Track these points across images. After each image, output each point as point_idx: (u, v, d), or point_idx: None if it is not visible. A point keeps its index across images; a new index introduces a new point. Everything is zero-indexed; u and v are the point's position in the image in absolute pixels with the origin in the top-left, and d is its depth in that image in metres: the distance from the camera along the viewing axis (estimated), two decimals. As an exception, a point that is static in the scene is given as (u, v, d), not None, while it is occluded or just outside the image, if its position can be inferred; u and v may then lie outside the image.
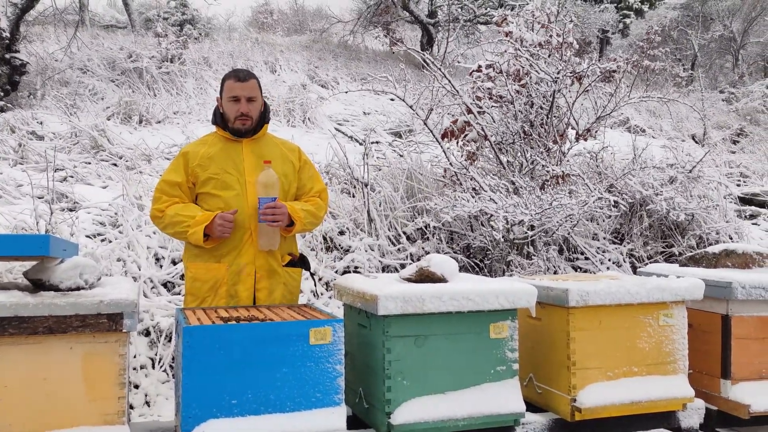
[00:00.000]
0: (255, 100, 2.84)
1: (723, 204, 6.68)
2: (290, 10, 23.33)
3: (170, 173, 2.83)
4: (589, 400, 2.59)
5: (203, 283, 2.78)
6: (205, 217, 2.68)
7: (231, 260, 2.77)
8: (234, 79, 2.82)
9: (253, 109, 2.84)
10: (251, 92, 2.82)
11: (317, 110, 9.99)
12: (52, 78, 9.29)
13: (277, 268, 2.84)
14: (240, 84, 2.80)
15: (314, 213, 2.88)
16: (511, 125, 5.58)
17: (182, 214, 2.72)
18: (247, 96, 2.80)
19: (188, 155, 2.83)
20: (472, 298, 2.42)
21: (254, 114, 2.84)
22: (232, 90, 2.81)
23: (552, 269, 5.13)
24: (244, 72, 2.86)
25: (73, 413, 2.00)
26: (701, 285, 2.81)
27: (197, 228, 2.66)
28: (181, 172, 2.81)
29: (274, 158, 2.85)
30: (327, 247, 5.23)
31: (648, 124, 12.01)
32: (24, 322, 1.94)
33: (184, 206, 2.77)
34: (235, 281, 2.77)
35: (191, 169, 2.80)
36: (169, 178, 2.81)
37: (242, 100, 2.80)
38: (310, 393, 2.18)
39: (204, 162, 2.80)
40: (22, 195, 5.40)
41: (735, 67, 19.59)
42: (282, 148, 2.96)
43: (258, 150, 2.87)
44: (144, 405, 3.66)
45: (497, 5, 14.72)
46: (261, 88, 2.92)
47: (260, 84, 2.92)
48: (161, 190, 2.81)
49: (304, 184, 2.96)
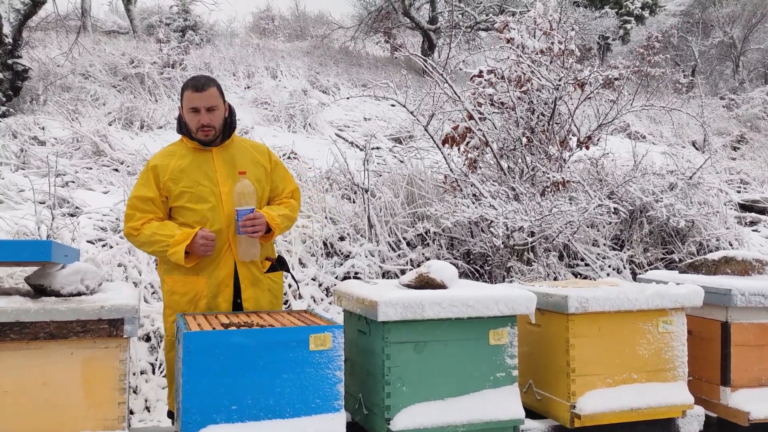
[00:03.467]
0: (216, 108, 2.73)
1: (723, 211, 6.69)
2: (291, 16, 23.42)
3: (141, 188, 2.73)
4: (589, 407, 2.59)
5: (181, 296, 2.72)
6: (184, 236, 2.60)
7: (210, 272, 2.71)
8: (192, 90, 2.70)
9: (215, 118, 2.74)
10: (210, 101, 2.71)
11: (318, 116, 10.01)
12: (54, 83, 9.31)
13: (260, 276, 2.81)
14: (198, 94, 2.69)
15: (290, 216, 2.85)
16: (513, 131, 5.59)
17: (160, 233, 2.63)
18: (206, 106, 2.70)
19: (158, 168, 2.73)
20: (471, 304, 2.42)
21: (216, 123, 2.75)
22: (190, 101, 2.71)
23: (552, 275, 5.13)
24: (203, 80, 2.74)
25: (73, 418, 2.01)
26: (701, 292, 2.81)
27: (178, 248, 2.59)
28: (152, 186, 2.72)
29: (246, 165, 2.79)
30: (327, 253, 5.24)
31: (648, 130, 12.03)
32: (25, 327, 1.95)
33: (160, 225, 2.68)
34: (215, 293, 2.72)
35: (163, 183, 2.71)
36: (140, 194, 2.72)
37: (202, 111, 2.70)
38: (310, 399, 2.18)
39: (175, 175, 2.71)
40: (23, 200, 5.41)
41: (735, 74, 19.62)
42: (252, 152, 2.89)
43: (229, 158, 2.79)
44: (144, 410, 3.66)
45: (498, 12, 14.76)
46: (222, 93, 2.81)
47: (221, 89, 2.81)
48: (134, 207, 2.71)
49: (276, 185, 2.91)
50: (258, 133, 8.63)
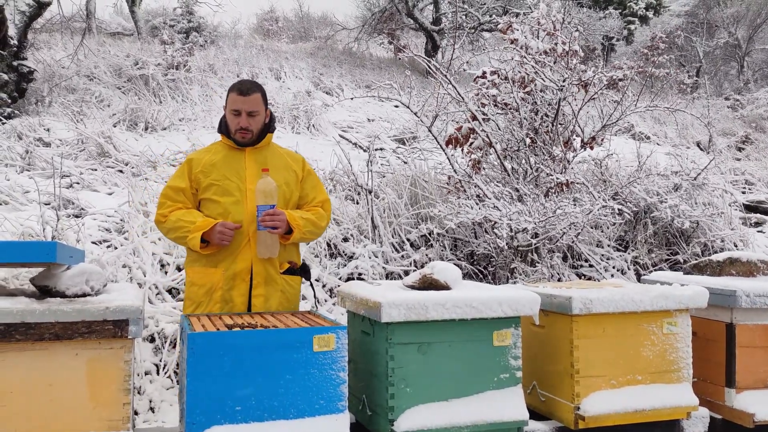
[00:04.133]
0: (257, 114, 2.84)
1: (728, 211, 6.67)
2: (295, 17, 23.46)
3: (175, 179, 2.87)
4: (593, 408, 2.59)
5: (199, 288, 2.81)
6: (205, 224, 2.70)
7: (227, 266, 2.78)
8: (237, 92, 2.81)
9: (254, 122, 2.84)
10: (253, 107, 2.82)
11: (322, 117, 10.02)
12: (59, 85, 9.35)
13: (275, 276, 2.84)
14: (242, 98, 2.80)
15: (314, 222, 2.87)
16: (516, 132, 5.59)
17: (184, 219, 2.75)
18: (248, 110, 2.81)
19: (192, 162, 2.87)
20: (475, 305, 2.42)
21: (255, 127, 2.85)
22: (234, 103, 2.81)
23: (556, 277, 5.12)
24: (248, 85, 2.85)
25: (78, 419, 2.01)
26: (705, 293, 2.81)
27: (196, 233, 2.69)
28: (185, 178, 2.84)
29: (276, 167, 2.87)
30: (331, 254, 5.24)
31: (653, 131, 12.00)
32: (31, 328, 1.96)
33: (186, 212, 2.79)
34: (230, 286, 2.78)
35: (194, 176, 2.83)
36: (173, 184, 2.85)
37: (243, 114, 2.81)
38: (314, 400, 2.19)
39: (206, 169, 2.83)
40: (28, 201, 5.43)
41: (740, 74, 19.57)
42: (286, 157, 2.97)
43: (261, 159, 2.88)
44: (148, 411, 3.67)
45: (502, 12, 14.76)
46: (266, 99, 2.91)
47: (265, 95, 2.91)
48: (166, 196, 2.84)
49: (306, 193, 2.96)
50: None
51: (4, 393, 1.96)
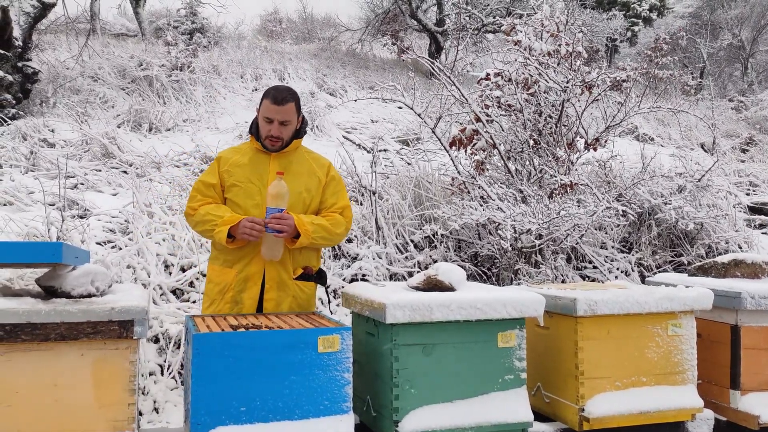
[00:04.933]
0: (289, 123, 2.83)
1: (732, 213, 6.65)
2: (299, 18, 23.50)
3: (207, 175, 2.91)
4: (598, 410, 2.59)
5: (215, 286, 2.85)
6: (232, 218, 2.72)
7: (241, 267, 2.79)
8: (271, 101, 2.79)
9: (286, 131, 2.84)
10: (286, 116, 2.81)
11: (325, 118, 10.03)
12: (64, 86, 9.37)
13: (288, 281, 2.84)
14: (275, 107, 2.78)
15: (327, 228, 2.83)
16: (520, 134, 5.59)
17: (212, 213, 2.77)
18: (280, 120, 2.80)
19: (221, 160, 2.91)
20: (479, 306, 2.42)
21: (286, 136, 2.85)
22: (267, 111, 2.80)
23: (560, 278, 5.12)
24: (283, 94, 2.82)
25: (83, 419, 2.02)
26: (710, 295, 2.80)
27: (223, 227, 2.71)
28: (216, 174, 2.88)
29: (298, 172, 2.87)
30: (335, 255, 5.25)
31: (656, 132, 11.99)
32: (36, 328, 1.96)
33: (215, 206, 2.82)
34: (242, 288, 2.79)
35: (220, 173, 2.87)
36: (205, 179, 2.89)
37: (275, 123, 2.80)
38: (318, 401, 2.19)
39: (232, 169, 2.86)
40: (33, 202, 5.45)
41: (744, 76, 19.54)
42: (311, 162, 2.96)
43: (285, 163, 2.88)
44: (153, 411, 3.67)
45: (505, 14, 14.75)
46: (299, 106, 2.89)
47: (299, 103, 2.89)
48: (197, 189, 2.88)
49: (326, 198, 2.94)
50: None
51: (9, 393, 1.96)
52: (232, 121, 9.15)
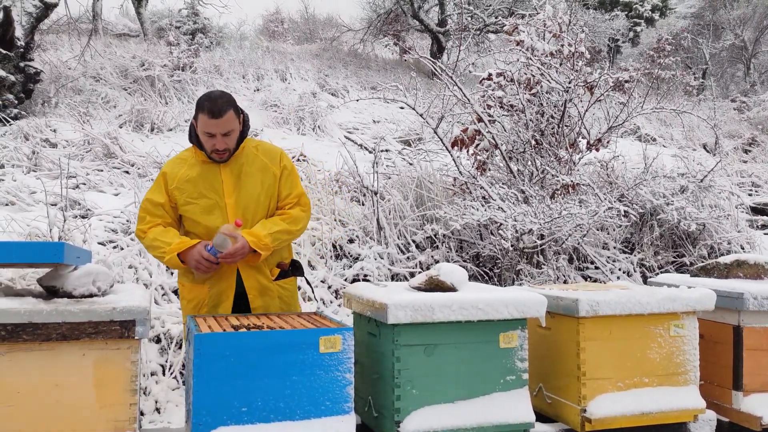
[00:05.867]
0: (232, 132, 2.67)
1: (734, 214, 6.64)
2: (301, 18, 23.49)
3: (153, 192, 2.76)
4: (600, 411, 2.58)
5: (188, 302, 2.79)
6: (180, 245, 2.63)
7: (213, 283, 2.74)
8: (208, 115, 2.60)
9: (230, 140, 2.69)
10: (226, 127, 2.64)
11: (327, 118, 10.03)
12: (66, 86, 9.38)
13: (268, 285, 2.79)
14: (214, 121, 2.60)
15: (287, 230, 2.74)
16: (522, 134, 5.58)
17: (160, 239, 2.66)
18: (222, 132, 2.63)
19: (167, 176, 2.75)
20: (481, 307, 2.42)
21: (232, 145, 2.70)
22: (206, 125, 2.62)
23: (561, 278, 5.11)
24: (219, 104, 2.61)
25: (84, 419, 2.02)
26: (713, 296, 2.79)
27: (171, 255, 2.63)
28: (163, 192, 2.74)
29: (252, 173, 2.75)
30: (336, 255, 5.24)
31: (659, 132, 11.97)
32: (38, 328, 1.96)
33: (163, 231, 2.70)
34: (216, 303, 2.75)
35: (170, 191, 2.73)
36: (152, 198, 2.75)
37: (218, 136, 2.64)
38: (320, 401, 2.18)
39: (181, 185, 2.72)
40: (35, 202, 5.45)
41: (746, 76, 19.50)
42: (262, 158, 2.81)
43: (237, 168, 2.75)
44: (154, 411, 3.67)
45: (507, 14, 14.75)
46: (238, 111, 2.71)
47: (236, 105, 2.71)
48: (145, 209, 2.75)
49: (281, 191, 2.82)
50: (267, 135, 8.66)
51: (11, 393, 1.96)
52: (233, 122, 9.17)
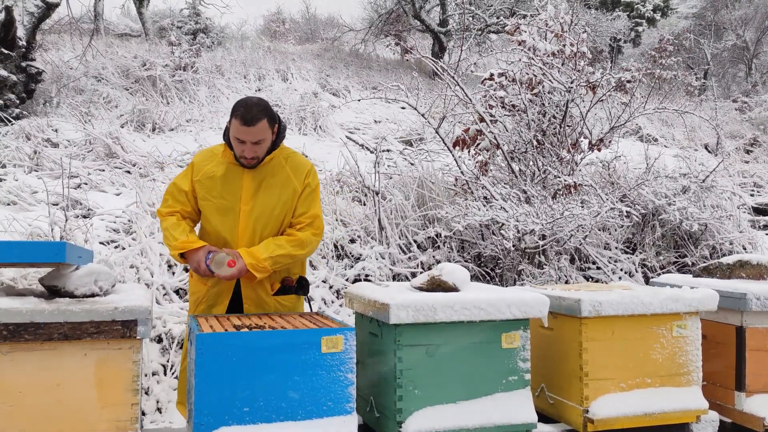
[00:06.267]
0: (263, 141, 2.67)
1: (737, 214, 6.63)
2: (302, 19, 23.50)
3: (182, 179, 2.83)
4: (602, 412, 2.58)
5: (192, 295, 2.88)
6: (185, 244, 2.66)
7: (213, 282, 2.76)
8: (241, 121, 2.60)
9: (260, 149, 2.69)
10: (258, 136, 2.63)
11: (328, 118, 10.02)
12: (67, 86, 9.38)
13: (266, 298, 2.78)
14: (246, 128, 2.60)
15: (289, 254, 2.69)
16: (524, 134, 5.57)
17: (170, 231, 2.72)
18: (253, 140, 2.63)
19: (195, 167, 2.81)
20: (483, 307, 2.41)
21: (261, 153, 2.71)
22: (237, 131, 2.62)
23: (563, 279, 5.10)
24: (253, 113, 2.60)
25: (86, 419, 2.02)
26: (715, 296, 2.79)
27: (174, 252, 2.70)
28: (189, 181, 2.80)
29: (273, 185, 2.74)
30: (338, 255, 5.24)
31: (660, 133, 11.96)
32: (39, 328, 1.96)
33: (175, 224, 2.74)
34: (213, 303, 2.77)
35: (194, 182, 2.79)
36: (179, 183, 2.82)
37: (248, 143, 2.64)
38: (322, 401, 2.18)
39: (204, 180, 2.76)
40: (37, 202, 5.45)
41: (748, 77, 19.47)
42: (287, 170, 2.79)
43: (260, 177, 2.75)
44: (156, 411, 3.67)
45: (509, 14, 14.74)
46: (272, 121, 2.70)
47: (272, 115, 2.70)
48: (170, 192, 2.83)
49: (297, 206, 2.79)
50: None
51: (12, 392, 1.96)
52: (235, 122, 9.18)
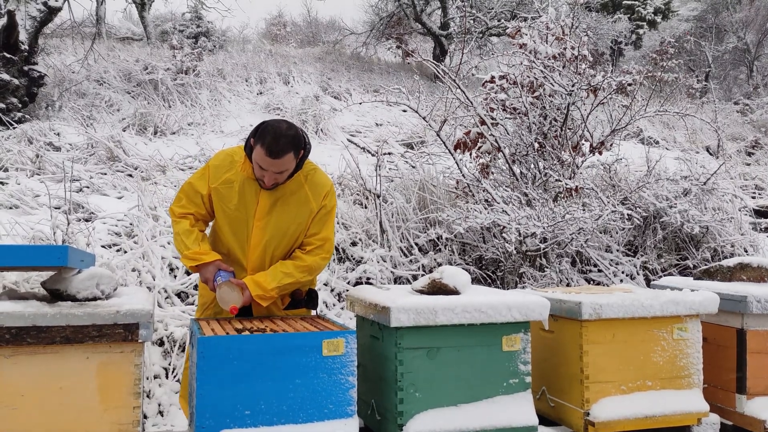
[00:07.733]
0: (284, 171, 2.59)
1: (738, 216, 6.63)
2: (303, 22, 23.53)
3: (198, 180, 2.75)
4: (603, 414, 2.58)
5: (200, 298, 2.93)
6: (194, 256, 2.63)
7: None
8: (266, 152, 2.49)
9: (281, 177, 2.62)
10: (281, 168, 2.55)
11: (330, 121, 10.03)
12: (69, 90, 9.40)
13: (275, 312, 2.77)
14: (270, 160, 2.51)
15: (298, 281, 2.67)
16: (525, 137, 5.58)
17: (182, 237, 2.68)
18: (275, 171, 2.56)
19: (211, 170, 2.73)
20: (484, 310, 2.42)
21: (281, 180, 2.64)
22: (261, 160, 2.53)
23: (565, 281, 5.10)
24: (280, 145, 2.49)
25: (88, 422, 2.02)
26: (716, 299, 2.79)
27: (185, 260, 2.67)
28: (206, 184, 2.72)
29: (289, 203, 2.68)
30: (339, 258, 5.25)
31: (662, 135, 11.95)
32: (42, 331, 1.97)
33: (188, 231, 2.69)
34: (220, 310, 2.72)
35: (210, 188, 2.72)
36: (195, 184, 2.74)
37: (269, 172, 2.56)
38: (323, 404, 2.19)
39: (222, 188, 2.70)
40: (39, 205, 5.46)
41: (749, 79, 19.46)
42: (306, 190, 2.72)
43: (276, 194, 2.68)
44: (157, 415, 3.67)
45: (510, 17, 14.76)
46: (298, 151, 2.59)
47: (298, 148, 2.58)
48: (185, 192, 2.75)
49: (311, 227, 2.74)
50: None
51: (15, 396, 1.97)
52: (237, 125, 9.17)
